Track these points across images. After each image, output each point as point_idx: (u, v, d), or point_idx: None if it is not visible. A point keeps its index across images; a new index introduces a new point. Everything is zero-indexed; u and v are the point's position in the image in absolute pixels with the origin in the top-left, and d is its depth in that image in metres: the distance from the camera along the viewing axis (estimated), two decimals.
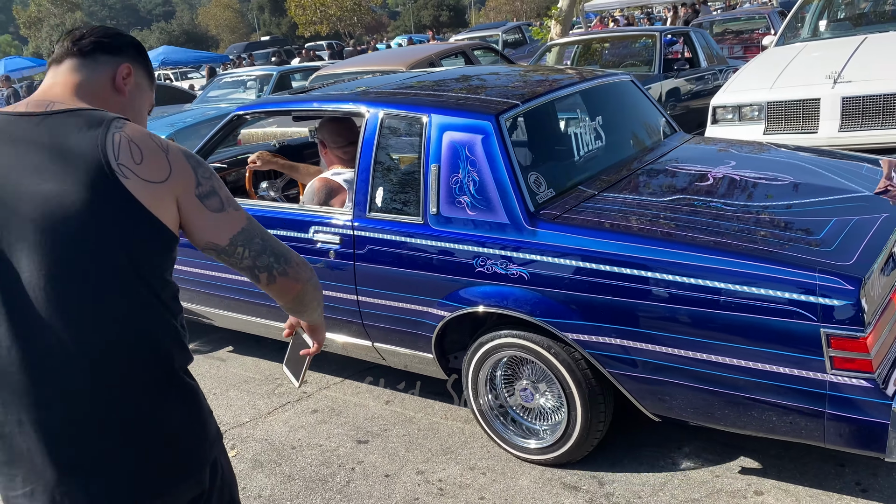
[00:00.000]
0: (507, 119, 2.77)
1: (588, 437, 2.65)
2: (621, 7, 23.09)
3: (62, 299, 1.18)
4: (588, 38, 8.85)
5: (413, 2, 76.86)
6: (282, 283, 1.43)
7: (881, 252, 2.24)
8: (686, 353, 2.32)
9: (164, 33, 60.29)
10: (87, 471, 1.22)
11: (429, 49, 8.23)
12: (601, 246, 2.42)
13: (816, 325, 2.10)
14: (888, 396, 2.08)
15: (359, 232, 2.96)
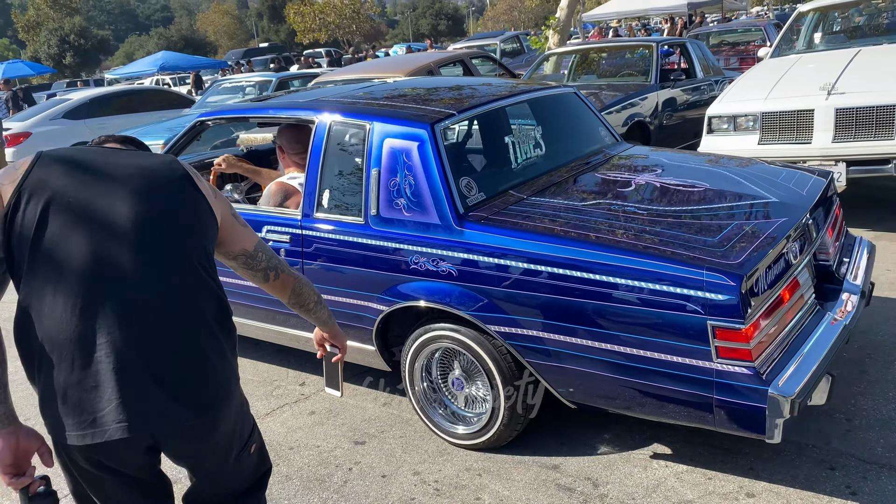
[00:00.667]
0: (442, 128, 2.98)
1: (510, 424, 2.84)
2: (619, 18, 23.20)
3: (166, 265, 1.58)
4: (585, 47, 8.92)
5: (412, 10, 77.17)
6: (283, 278, 1.86)
7: (768, 253, 2.44)
8: (593, 344, 2.52)
9: (162, 38, 60.39)
10: (167, 382, 1.53)
11: (427, 57, 8.30)
12: (520, 245, 2.63)
13: (704, 317, 2.30)
14: (765, 382, 2.28)
15: (306, 231, 3.16)
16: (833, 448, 2.74)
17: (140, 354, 1.51)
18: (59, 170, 1.55)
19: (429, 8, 72.69)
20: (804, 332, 2.61)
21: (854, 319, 2.78)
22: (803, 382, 2.32)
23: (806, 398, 2.31)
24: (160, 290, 1.55)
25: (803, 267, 2.74)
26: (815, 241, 2.89)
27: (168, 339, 1.54)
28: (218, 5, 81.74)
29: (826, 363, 2.47)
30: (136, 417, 1.49)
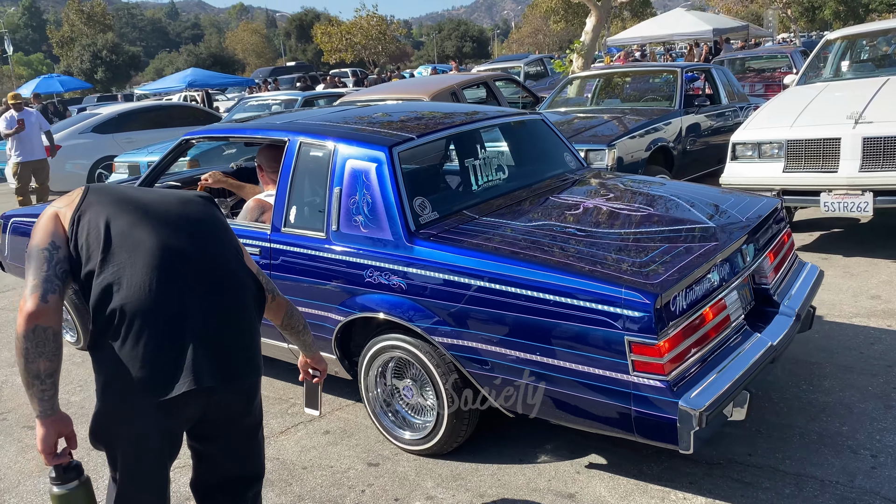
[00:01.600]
0: (399, 151, 3.16)
1: (454, 431, 3.00)
2: (642, 42, 23.22)
3: (222, 257, 1.96)
4: (609, 71, 8.92)
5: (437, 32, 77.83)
6: (279, 301, 2.18)
7: (688, 275, 2.59)
8: (524, 356, 2.67)
9: (191, 56, 61.44)
10: (230, 346, 1.87)
11: (450, 79, 8.35)
12: (462, 261, 2.80)
13: (621, 332, 2.45)
14: (677, 395, 2.41)
15: (274, 244, 3.37)
16: (858, 486, 2.69)
17: (210, 322, 1.83)
18: (109, 193, 1.93)
19: (454, 30, 73.37)
20: (727, 350, 2.73)
21: (784, 341, 2.92)
22: (714, 397, 2.45)
23: (716, 412, 2.44)
24: (220, 270, 1.90)
25: (732, 289, 2.87)
26: (748, 264, 3.01)
27: (231, 311, 1.88)
28: (247, 24, 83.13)
29: (744, 380, 2.60)
30: (205, 374, 1.78)
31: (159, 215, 1.89)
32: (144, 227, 1.85)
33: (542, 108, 8.10)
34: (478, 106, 4.39)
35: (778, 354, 2.87)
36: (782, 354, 3.04)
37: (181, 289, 1.82)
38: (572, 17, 38.62)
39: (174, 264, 1.83)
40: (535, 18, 56.10)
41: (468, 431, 3.04)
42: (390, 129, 3.38)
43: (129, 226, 1.83)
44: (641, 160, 6.37)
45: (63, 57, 59.07)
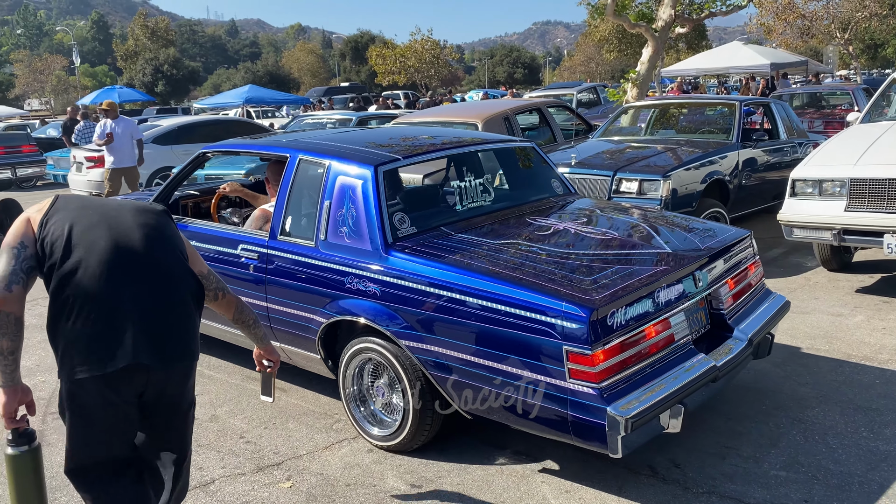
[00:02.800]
0: (385, 170, 3.47)
1: (419, 429, 3.24)
2: (696, 74, 22.97)
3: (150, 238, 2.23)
4: (665, 102, 8.85)
5: (489, 58, 78.34)
6: (228, 298, 2.48)
7: (630, 294, 2.82)
8: (479, 361, 2.92)
9: (248, 73, 63.02)
10: (166, 333, 2.17)
11: (504, 104, 8.37)
12: (426, 271, 3.08)
13: (560, 342, 2.69)
14: (606, 402, 2.63)
15: (270, 250, 3.68)
16: None
17: (150, 310, 2.13)
18: (74, 200, 2.26)
19: (506, 56, 73.81)
20: (666, 366, 2.94)
21: (731, 364, 3.14)
22: (643, 407, 2.66)
23: (644, 421, 2.65)
24: (162, 268, 2.20)
25: (680, 311, 3.07)
26: (701, 289, 3.21)
27: (169, 303, 2.18)
28: (304, 44, 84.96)
29: (678, 395, 2.81)
30: (142, 353, 2.08)
31: (115, 221, 2.19)
32: (100, 230, 2.15)
33: (596, 136, 8.06)
34: (476, 133, 4.82)
35: (721, 375, 3.07)
36: (734, 376, 3.31)
37: (127, 282, 2.12)
38: (626, 46, 38.54)
39: (122, 261, 2.13)
40: (588, 47, 56.11)
41: (431, 432, 3.29)
42: (381, 150, 3.67)
43: (88, 228, 2.14)
44: (696, 192, 6.28)
45: (126, 70, 61.11)
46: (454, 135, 4.41)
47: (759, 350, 3.45)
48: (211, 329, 4.20)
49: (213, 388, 4.22)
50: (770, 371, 4.09)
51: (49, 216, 2.18)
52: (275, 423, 3.72)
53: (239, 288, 3.78)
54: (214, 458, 3.40)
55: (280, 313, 3.65)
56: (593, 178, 6.19)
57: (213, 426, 3.73)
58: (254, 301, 3.73)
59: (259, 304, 3.72)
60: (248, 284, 3.76)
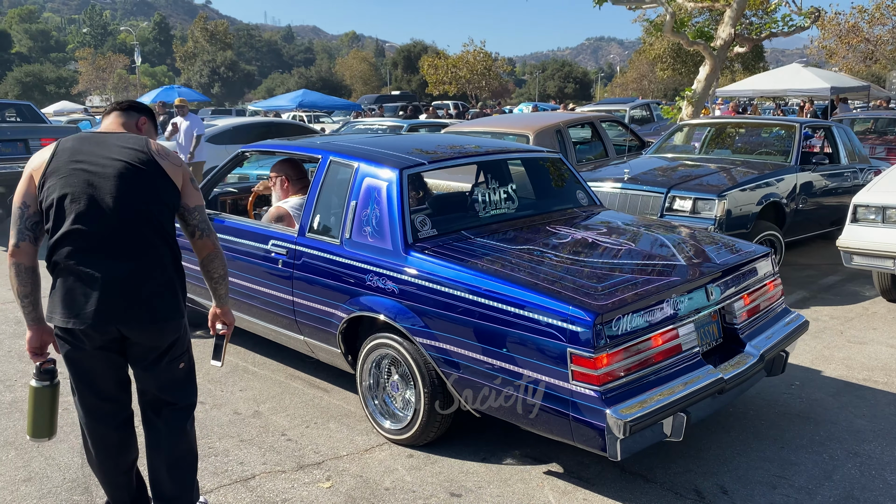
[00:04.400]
0: (409, 174, 3.60)
1: (428, 425, 3.34)
2: (753, 96, 22.51)
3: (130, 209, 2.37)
4: (722, 121, 8.69)
5: (540, 72, 78.19)
6: (205, 241, 2.57)
7: (637, 301, 2.88)
8: (488, 360, 3.01)
9: (302, 78, 64.04)
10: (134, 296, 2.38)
11: (557, 117, 8.33)
12: (442, 271, 3.19)
13: (565, 344, 2.77)
14: (606, 405, 2.70)
15: (298, 246, 3.83)
16: None
17: (116, 276, 2.34)
18: (66, 154, 2.39)
19: (558, 70, 73.59)
20: (672, 374, 2.97)
21: (739, 378, 3.16)
22: (642, 412, 2.72)
23: (643, 426, 2.70)
24: (132, 234, 2.36)
25: (690, 322, 3.11)
26: (713, 302, 3.25)
27: (140, 269, 2.37)
28: (357, 52, 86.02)
29: (681, 403, 2.85)
30: (108, 318, 2.34)
31: (99, 184, 2.34)
32: (84, 199, 2.33)
33: (649, 153, 7.95)
34: (506, 142, 4.88)
35: (728, 388, 3.09)
36: (743, 390, 3.35)
37: (100, 256, 2.33)
38: (680, 65, 38.02)
39: (98, 235, 2.33)
40: (641, 64, 55.54)
41: (441, 429, 3.38)
42: (408, 155, 3.78)
43: (74, 199, 2.33)
44: (751, 214, 6.14)
45: (184, 70, 62.67)
46: (484, 144, 4.53)
47: (772, 367, 3.46)
48: (255, 327, 4.24)
49: (256, 384, 4.26)
50: (825, 401, 3.96)
51: (47, 176, 2.36)
52: (316, 423, 3.73)
53: (268, 282, 3.97)
54: (256, 453, 3.42)
55: (305, 307, 3.78)
56: (646, 195, 6.10)
57: (256, 422, 3.76)
58: (282, 295, 3.88)
59: (286, 298, 3.87)
60: (276, 279, 3.91)
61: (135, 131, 2.60)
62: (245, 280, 4.10)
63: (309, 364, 4.46)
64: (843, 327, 5.24)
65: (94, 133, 2.51)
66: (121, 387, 2.54)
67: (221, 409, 3.93)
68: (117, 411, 2.55)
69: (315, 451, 3.44)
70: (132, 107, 2.65)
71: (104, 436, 2.54)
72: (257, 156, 5.79)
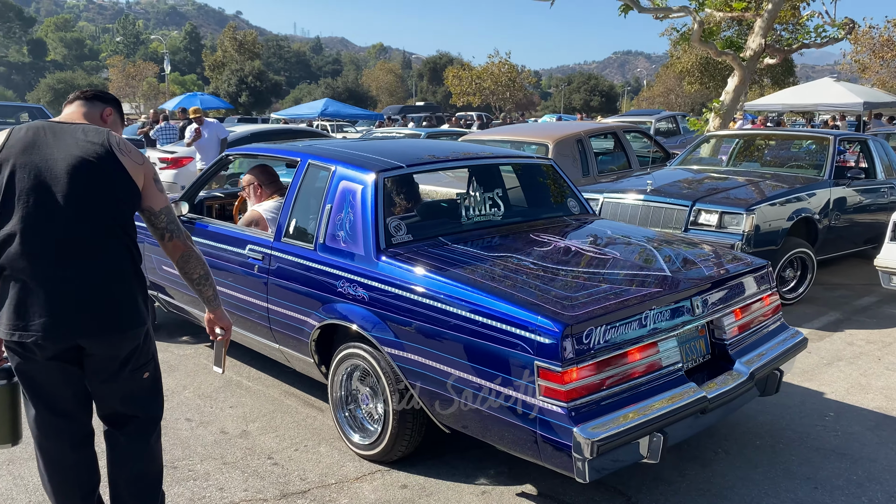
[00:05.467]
0: (386, 177, 3.46)
1: (398, 440, 3.18)
2: (783, 110, 22.00)
3: (83, 209, 2.18)
4: (751, 133, 8.34)
5: (566, 84, 77.93)
6: (175, 243, 2.39)
7: (610, 313, 2.70)
8: (455, 372, 2.85)
9: (329, 88, 64.31)
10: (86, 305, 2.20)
11: (578, 126, 8.09)
12: (410, 278, 3.05)
13: (532, 357, 2.60)
14: (574, 423, 2.52)
15: (274, 251, 3.71)
16: None
17: (68, 282, 2.15)
18: (18, 146, 2.19)
19: (584, 83, 73.22)
20: (649, 392, 2.78)
21: (724, 397, 2.97)
22: (613, 431, 2.54)
23: (613, 446, 2.52)
24: (85, 236, 2.17)
25: (671, 336, 2.92)
26: (698, 316, 3.05)
27: (88, 274, 2.17)
28: (384, 63, 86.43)
29: (657, 423, 2.66)
30: (60, 328, 2.15)
31: (50, 180, 2.14)
32: (32, 197, 2.13)
33: (674, 165, 7.65)
34: (502, 149, 4.86)
35: (712, 408, 2.90)
36: (730, 410, 3.17)
37: (49, 261, 2.14)
38: (708, 79, 37.53)
39: (45, 237, 2.13)
40: (668, 78, 54.96)
41: (410, 444, 3.22)
42: (388, 158, 3.66)
43: (22, 196, 2.13)
44: (781, 230, 5.81)
45: (213, 79, 63.28)
46: (478, 150, 4.45)
47: (765, 387, 3.28)
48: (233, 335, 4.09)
49: (248, 400, 4.02)
50: (862, 435, 3.62)
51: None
52: (306, 446, 3.48)
53: (245, 287, 3.86)
54: (238, 478, 3.18)
55: (279, 314, 3.66)
56: (669, 208, 5.79)
57: (242, 443, 3.51)
58: (257, 301, 3.78)
59: (261, 305, 3.76)
60: (252, 284, 3.80)
61: (99, 123, 2.40)
62: (224, 287, 3.98)
63: (306, 380, 4.21)
64: (882, 353, 4.88)
65: (52, 122, 2.30)
66: (78, 402, 2.33)
67: (208, 427, 3.70)
68: (75, 429, 2.34)
69: (301, 478, 3.18)
70: (97, 96, 2.46)
71: (60, 456, 2.34)
72: None
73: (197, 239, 4.14)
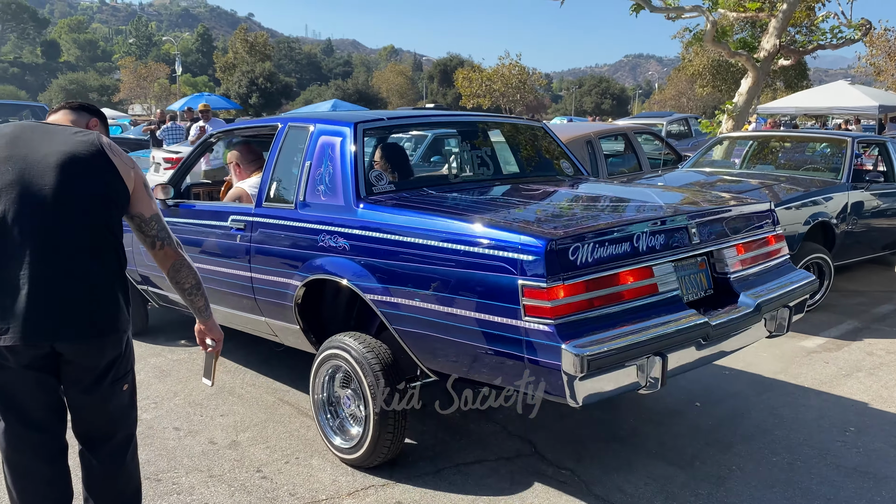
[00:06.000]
0: (365, 128, 3.42)
1: (378, 445, 3.07)
2: (795, 113, 21.69)
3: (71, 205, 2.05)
4: (766, 135, 8.13)
5: (577, 87, 77.69)
6: (167, 251, 2.28)
7: (603, 231, 2.64)
8: (440, 308, 2.76)
9: (339, 90, 64.29)
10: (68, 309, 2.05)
11: (588, 127, 7.92)
12: (390, 219, 3.01)
13: (515, 277, 2.52)
14: (561, 339, 2.41)
15: (255, 218, 3.65)
16: None
17: (51, 282, 2.00)
18: (3, 142, 2.08)
19: (595, 86, 72.99)
20: (647, 314, 2.69)
21: (728, 325, 2.90)
22: (606, 348, 2.44)
23: (605, 362, 2.42)
24: (72, 235, 2.04)
25: (667, 261, 2.83)
26: (696, 244, 2.97)
27: (72, 274, 2.03)
28: (394, 65, 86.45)
29: (656, 346, 2.58)
30: (39, 330, 1.99)
31: (36, 174, 2.02)
32: (16, 190, 2.00)
33: (686, 167, 7.44)
34: (482, 114, 4.76)
35: (714, 336, 2.82)
36: (737, 345, 3.07)
37: (31, 248, 1.99)
38: (720, 82, 37.26)
39: (32, 226, 2.00)
40: (680, 81, 54.62)
41: (392, 447, 3.11)
42: (368, 116, 3.66)
43: (7, 187, 2.01)
44: (797, 235, 5.59)
45: (224, 80, 63.45)
46: (458, 115, 4.56)
47: (775, 325, 3.20)
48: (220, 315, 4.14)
49: (241, 408, 3.85)
50: (886, 452, 3.40)
51: None
52: (298, 458, 3.30)
53: (229, 260, 3.80)
54: (224, 493, 3.01)
55: (262, 282, 3.59)
56: None
57: (231, 454, 3.34)
58: (241, 272, 3.71)
59: (245, 276, 3.69)
60: (236, 256, 3.74)
61: None
62: (209, 264, 3.91)
63: (302, 387, 4.04)
64: None
65: (40, 122, 2.24)
66: (53, 413, 2.17)
67: (196, 436, 3.53)
68: (48, 441, 2.17)
69: (291, 493, 3.01)
70: (84, 107, 2.40)
71: (33, 471, 2.17)
72: None
73: (182, 219, 4.14)
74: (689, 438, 3.48)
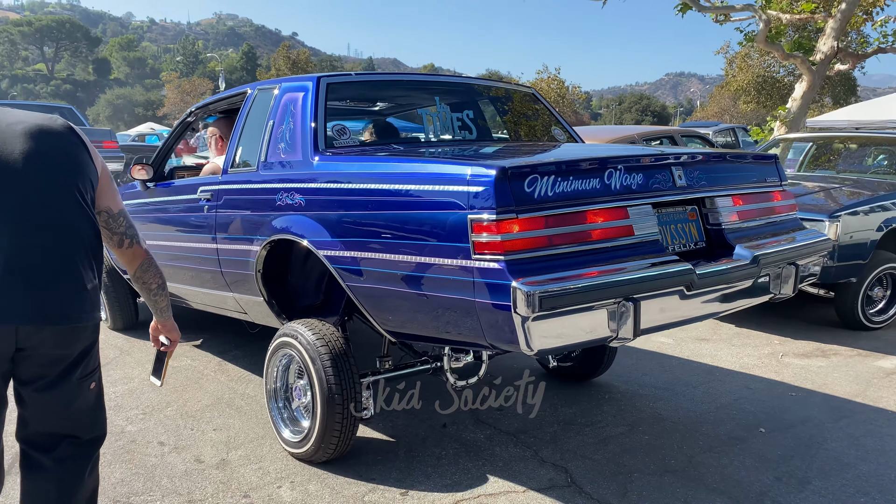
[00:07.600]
0: (328, 82, 3.24)
1: (325, 439, 2.87)
2: (850, 126, 20.79)
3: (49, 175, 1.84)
4: (827, 136, 7.50)
5: (617, 104, 76.97)
6: (135, 249, 2.12)
7: (567, 165, 2.36)
8: (391, 257, 2.52)
9: None
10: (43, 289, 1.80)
11: (633, 129, 7.50)
12: (343, 168, 2.84)
13: (465, 212, 2.26)
14: (511, 276, 2.14)
15: (221, 186, 3.49)
16: None
17: (25, 255, 1.76)
18: None
19: (635, 103, 72.25)
20: (619, 257, 2.42)
21: (717, 276, 2.60)
22: (560, 286, 2.17)
23: (564, 302, 2.16)
24: (47, 213, 1.81)
25: (645, 203, 2.54)
26: (681, 188, 2.69)
27: (51, 249, 1.79)
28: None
29: (627, 290, 2.30)
30: (6, 309, 1.72)
31: (6, 141, 1.82)
32: None
33: None
34: (467, 77, 4.50)
35: (701, 286, 2.51)
36: (734, 302, 2.79)
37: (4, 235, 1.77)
38: (765, 98, 36.19)
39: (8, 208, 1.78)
40: (722, 98, 53.42)
41: (340, 443, 2.89)
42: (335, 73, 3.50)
43: None
44: (870, 242, 5.00)
45: None
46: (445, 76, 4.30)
47: (780, 285, 2.86)
48: (190, 295, 4.11)
49: (236, 422, 3.43)
50: None
51: None
52: (293, 482, 2.85)
53: (196, 233, 3.66)
54: None
55: (227, 252, 3.43)
56: None
57: (217, 476, 2.90)
58: (207, 245, 3.56)
59: (211, 248, 3.54)
60: (203, 228, 3.60)
61: None
62: (181, 240, 3.78)
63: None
64: None
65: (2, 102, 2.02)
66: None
67: (182, 453, 3.11)
68: None
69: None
70: None
71: None
72: None
73: (158, 198, 4.06)
74: (755, 471, 2.92)
